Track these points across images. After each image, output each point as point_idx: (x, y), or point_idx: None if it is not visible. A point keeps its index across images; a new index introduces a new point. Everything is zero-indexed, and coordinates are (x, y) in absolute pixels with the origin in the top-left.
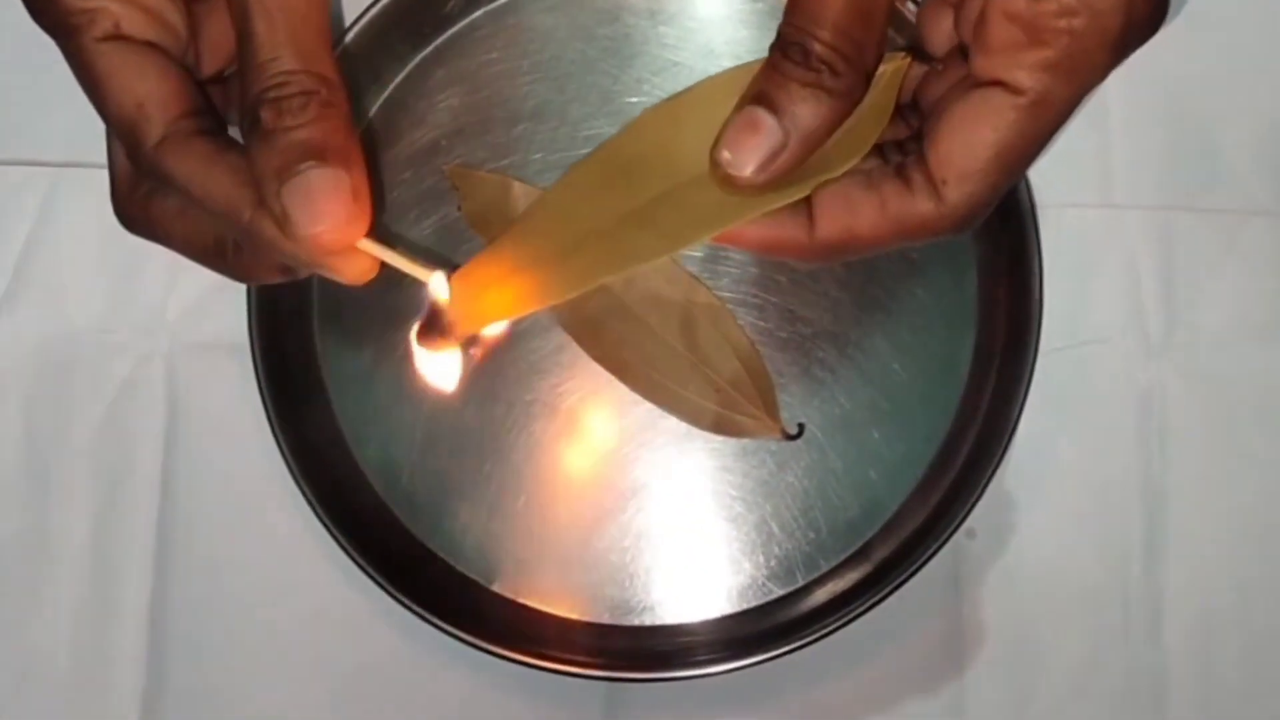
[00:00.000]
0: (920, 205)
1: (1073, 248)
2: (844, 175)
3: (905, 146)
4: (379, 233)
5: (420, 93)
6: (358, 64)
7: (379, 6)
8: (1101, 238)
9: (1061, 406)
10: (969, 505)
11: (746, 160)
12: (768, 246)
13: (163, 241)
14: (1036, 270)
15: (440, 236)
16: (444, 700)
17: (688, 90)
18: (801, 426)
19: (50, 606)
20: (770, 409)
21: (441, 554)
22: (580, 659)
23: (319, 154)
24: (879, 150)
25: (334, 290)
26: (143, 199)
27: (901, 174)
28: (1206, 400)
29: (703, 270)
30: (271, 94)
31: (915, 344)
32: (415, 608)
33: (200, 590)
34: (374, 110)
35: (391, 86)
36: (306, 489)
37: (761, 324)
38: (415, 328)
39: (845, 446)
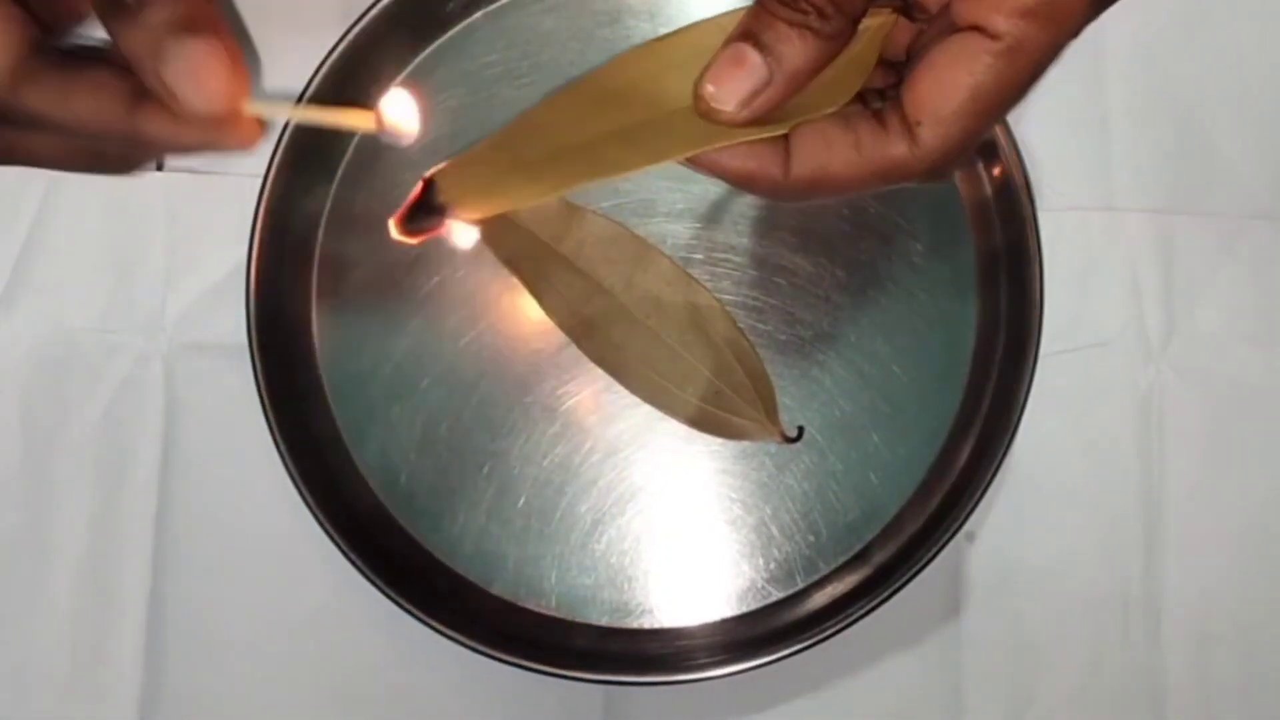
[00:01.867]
0: (894, 147)
1: (1073, 250)
2: (823, 116)
3: (887, 93)
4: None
5: (421, 92)
6: (357, 65)
7: (379, 7)
8: (1102, 240)
9: (1062, 409)
10: (969, 508)
11: (730, 94)
12: (743, 178)
13: (26, 164)
14: (1037, 273)
15: (440, 237)
16: (441, 703)
17: (675, 31)
18: (801, 429)
19: (48, 607)
20: (770, 411)
21: (440, 556)
22: (579, 662)
23: (188, 26)
24: (860, 97)
25: (333, 291)
26: None
27: (878, 116)
28: (1206, 403)
29: (702, 272)
30: None
31: (915, 346)
32: (413, 610)
33: (198, 592)
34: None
35: (392, 86)
36: (305, 490)
37: (761, 326)
38: (395, 215)
39: (845, 449)
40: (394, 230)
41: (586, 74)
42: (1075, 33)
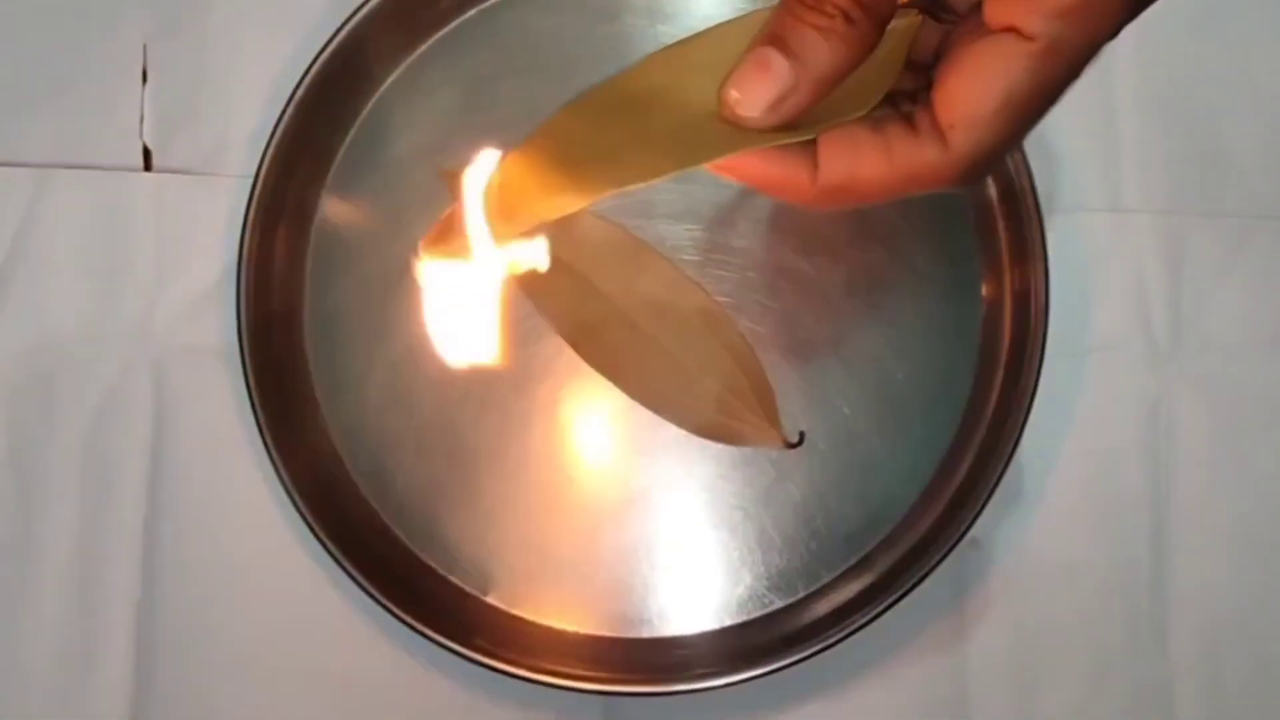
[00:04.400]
0: (926, 152)
1: (1080, 253)
2: (852, 120)
3: (917, 96)
4: None
5: (415, 91)
6: (351, 64)
7: (371, 5)
8: (1109, 243)
9: (1068, 414)
10: (973, 515)
11: (755, 100)
12: (770, 183)
13: None
14: (1043, 275)
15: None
16: (437, 714)
17: (699, 34)
18: (802, 435)
19: (36, 615)
20: (770, 416)
21: (435, 565)
22: (577, 672)
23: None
24: (890, 100)
25: (325, 295)
26: None
27: (909, 120)
28: (1215, 408)
29: (702, 275)
30: None
31: (919, 350)
32: (408, 620)
33: (188, 601)
34: (366, 111)
35: (385, 87)
36: (297, 498)
37: (762, 330)
38: (426, 239)
39: (847, 455)
40: (426, 254)
41: (608, 79)
42: (1113, 33)
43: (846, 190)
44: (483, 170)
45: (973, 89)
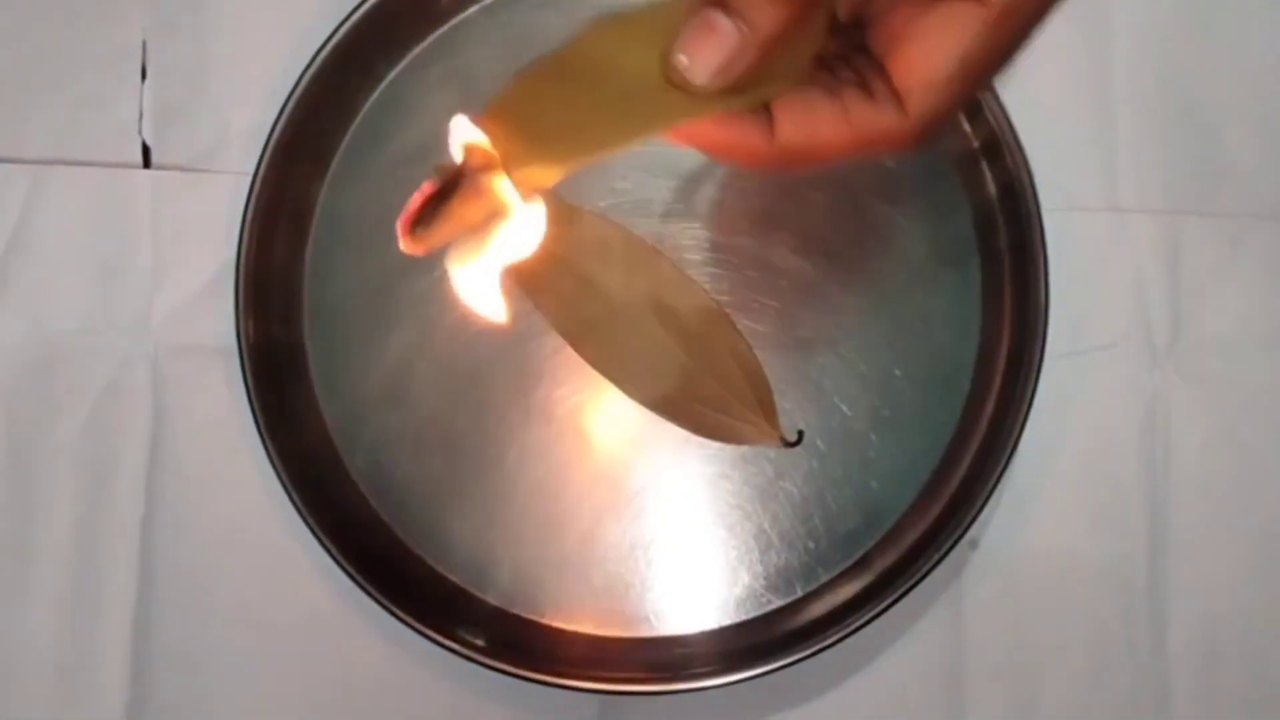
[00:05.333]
0: (884, 116)
1: (1078, 252)
2: (803, 86)
3: (853, 61)
4: None
5: (414, 90)
6: (351, 61)
7: (370, 1)
8: (1107, 242)
9: (1066, 413)
10: (972, 515)
11: (703, 64)
12: (726, 148)
13: None
14: (1041, 275)
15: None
16: (434, 712)
17: (635, 11)
18: (801, 433)
19: (32, 614)
20: (769, 415)
21: (433, 563)
22: (574, 671)
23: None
24: (828, 68)
25: (324, 292)
26: None
27: (863, 86)
28: (1213, 407)
29: (701, 274)
30: None
31: (917, 349)
32: (406, 618)
33: (185, 599)
34: (367, 107)
35: (385, 83)
36: (295, 496)
37: (760, 328)
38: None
39: (845, 454)
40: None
41: (553, 52)
42: None
43: (803, 153)
44: (463, 135)
45: (929, 54)
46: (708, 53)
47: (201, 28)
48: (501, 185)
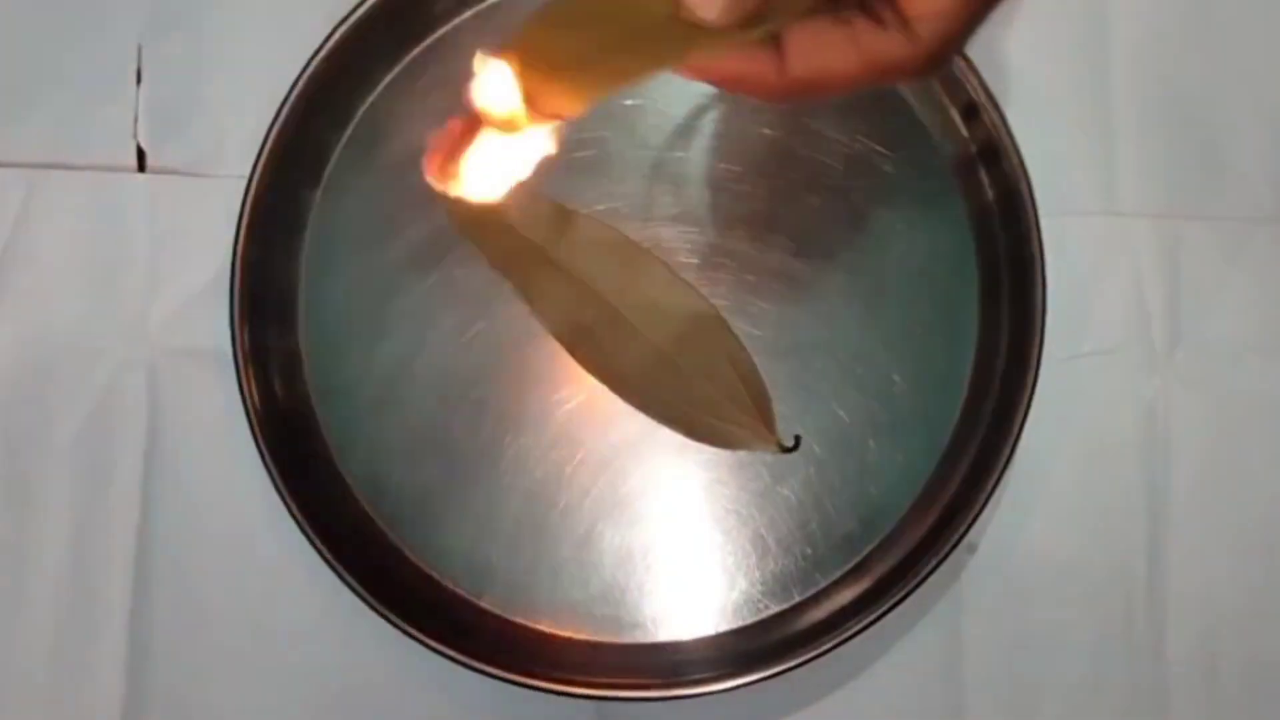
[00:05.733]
0: (893, 43)
1: (1076, 256)
2: (812, 17)
3: None
4: None
5: (409, 95)
6: (345, 65)
7: (366, 6)
8: (1106, 246)
9: (1064, 418)
10: (970, 519)
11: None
12: (739, 79)
13: None
14: (1040, 279)
15: (429, 242)
16: (430, 718)
17: None
18: (798, 438)
19: (28, 619)
20: (766, 420)
21: (429, 568)
22: (570, 677)
23: None
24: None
25: (320, 296)
26: None
27: (871, 14)
28: (1212, 412)
29: (698, 278)
30: None
31: (915, 354)
32: (401, 623)
33: (181, 604)
34: (361, 112)
35: (380, 88)
36: (290, 501)
37: (757, 333)
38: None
39: (843, 459)
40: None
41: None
42: None
43: (816, 83)
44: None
45: None
46: None
47: (196, 32)
48: (524, 118)
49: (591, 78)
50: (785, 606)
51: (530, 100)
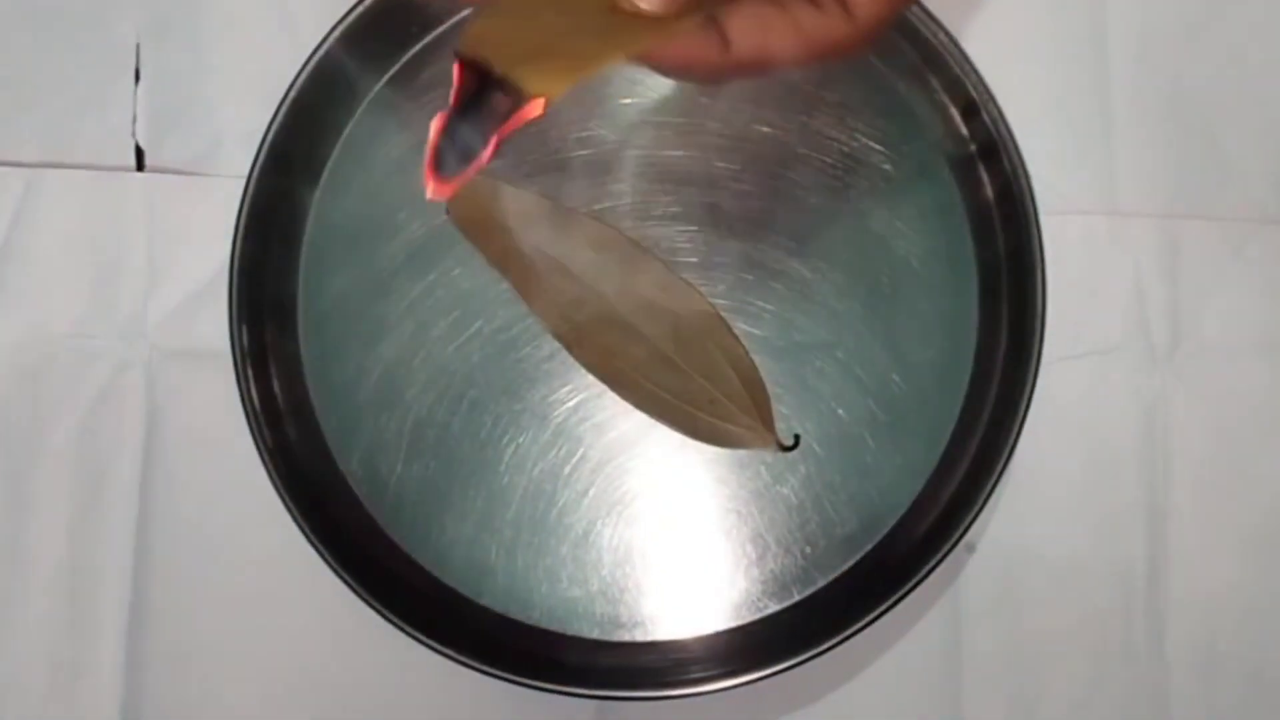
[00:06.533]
0: (833, 24)
1: (1076, 256)
2: (751, 1)
3: None
4: None
5: (407, 94)
6: (343, 64)
7: (364, 6)
8: (1106, 246)
9: (1064, 418)
10: (969, 519)
11: None
12: (686, 65)
13: None
14: (1039, 279)
15: (429, 241)
16: (429, 717)
17: None
18: (797, 438)
19: (25, 619)
20: (765, 419)
21: (428, 567)
22: (570, 676)
23: None
24: None
25: (319, 296)
26: None
27: None
28: (1212, 413)
29: (697, 277)
30: None
31: (914, 354)
32: (400, 622)
33: (180, 605)
34: (360, 111)
35: (378, 87)
36: (289, 500)
37: (757, 332)
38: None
39: (842, 458)
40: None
41: None
42: None
43: (758, 64)
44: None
45: None
46: None
47: (195, 31)
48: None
49: (547, 69)
50: (785, 606)
51: (501, 85)
